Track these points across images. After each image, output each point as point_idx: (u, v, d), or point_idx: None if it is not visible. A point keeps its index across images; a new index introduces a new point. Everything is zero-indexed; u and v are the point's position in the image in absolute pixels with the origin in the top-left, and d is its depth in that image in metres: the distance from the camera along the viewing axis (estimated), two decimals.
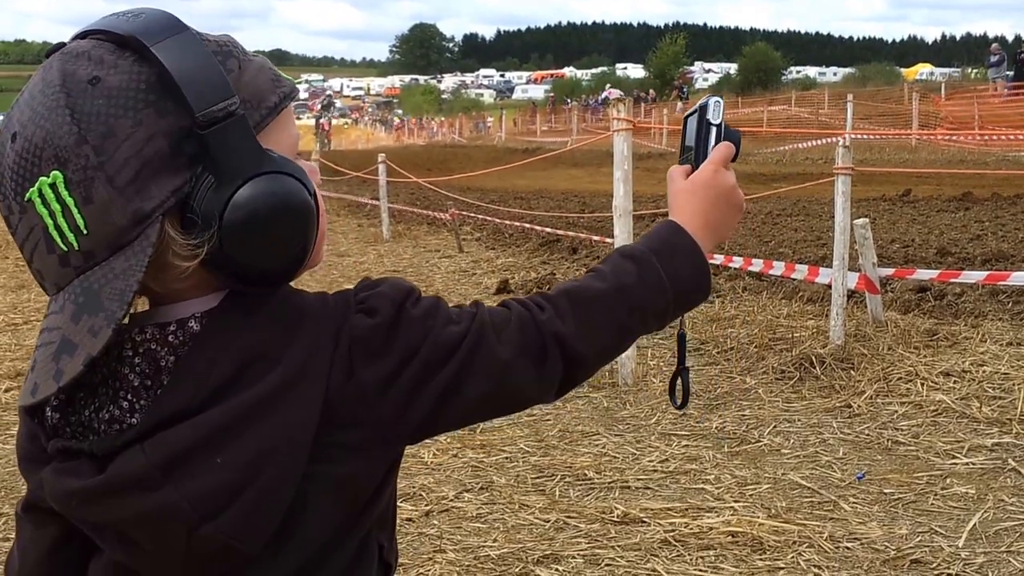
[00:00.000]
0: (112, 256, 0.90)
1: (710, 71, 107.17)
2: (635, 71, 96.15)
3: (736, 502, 3.61)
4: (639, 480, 3.87)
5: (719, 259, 7.25)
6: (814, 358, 5.11)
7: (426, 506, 3.66)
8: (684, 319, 1.22)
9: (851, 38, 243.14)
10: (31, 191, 0.90)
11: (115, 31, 0.92)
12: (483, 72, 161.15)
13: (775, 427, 4.44)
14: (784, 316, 6.24)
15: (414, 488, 3.79)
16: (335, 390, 0.96)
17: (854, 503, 3.59)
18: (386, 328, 0.98)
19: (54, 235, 0.90)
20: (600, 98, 48.88)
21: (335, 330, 0.97)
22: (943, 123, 23.74)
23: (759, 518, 3.44)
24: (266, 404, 0.93)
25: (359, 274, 7.16)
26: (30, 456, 1.00)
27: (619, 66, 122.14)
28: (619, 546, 3.29)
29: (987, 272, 6.28)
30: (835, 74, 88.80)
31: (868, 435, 4.27)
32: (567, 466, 4.03)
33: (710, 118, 1.21)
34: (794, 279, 6.75)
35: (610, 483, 3.85)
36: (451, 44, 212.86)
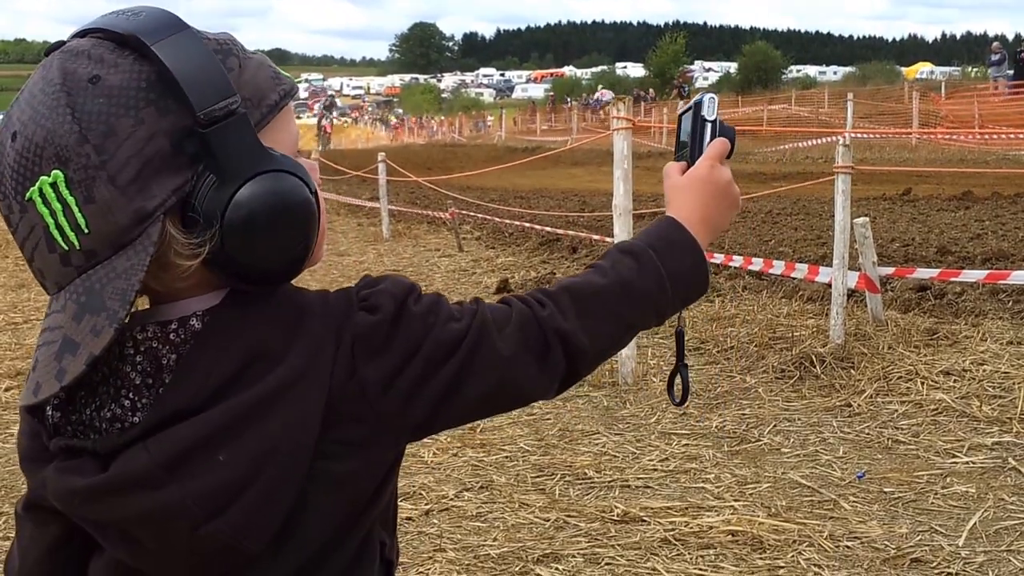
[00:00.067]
0: (114, 255, 0.90)
1: (710, 70, 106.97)
2: (635, 70, 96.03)
3: (736, 501, 3.61)
4: (639, 479, 3.87)
5: (719, 258, 7.24)
6: (814, 357, 5.11)
7: (426, 505, 3.66)
8: (682, 315, 1.23)
9: (851, 37, 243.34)
10: (32, 190, 0.90)
11: (115, 29, 0.92)
12: (483, 71, 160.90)
13: (775, 426, 4.44)
14: (784, 315, 6.23)
15: (414, 487, 3.79)
16: (337, 388, 0.95)
17: (854, 502, 3.59)
18: (388, 325, 0.98)
19: (55, 234, 0.90)
20: (594, 98, 48.89)
21: (337, 328, 0.97)
22: (943, 122, 23.74)
23: (759, 517, 3.45)
24: (267, 404, 0.93)
25: (359, 273, 7.13)
26: (32, 455, 1.00)
27: (619, 65, 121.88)
28: (619, 545, 3.29)
29: (987, 271, 6.28)
30: (835, 73, 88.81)
31: (868, 434, 4.27)
32: (567, 465, 4.03)
33: (705, 114, 1.22)
34: (794, 278, 6.75)
35: (610, 482, 3.85)
36: (451, 43, 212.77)
